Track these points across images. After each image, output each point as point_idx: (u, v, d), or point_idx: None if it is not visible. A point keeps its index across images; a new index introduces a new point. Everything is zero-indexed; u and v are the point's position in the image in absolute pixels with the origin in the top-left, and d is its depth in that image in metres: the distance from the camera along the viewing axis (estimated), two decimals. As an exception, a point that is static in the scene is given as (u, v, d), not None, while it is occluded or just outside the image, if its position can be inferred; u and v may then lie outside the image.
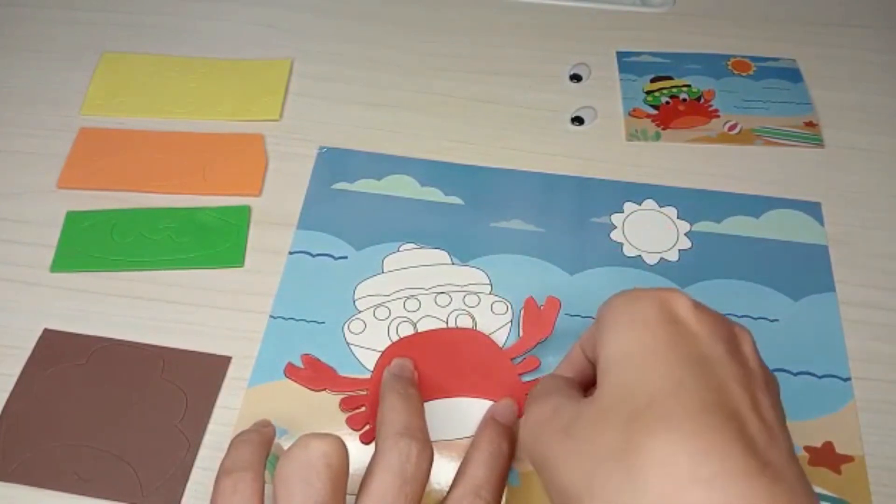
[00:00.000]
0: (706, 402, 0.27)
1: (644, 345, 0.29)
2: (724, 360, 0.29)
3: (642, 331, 0.29)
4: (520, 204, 0.47)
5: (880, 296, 0.44)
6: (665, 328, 0.29)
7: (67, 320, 0.42)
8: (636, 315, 0.30)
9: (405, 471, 0.32)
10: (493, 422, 0.37)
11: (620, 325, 0.30)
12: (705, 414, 0.26)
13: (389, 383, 0.38)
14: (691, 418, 0.26)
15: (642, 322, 0.30)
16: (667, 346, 0.29)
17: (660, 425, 0.26)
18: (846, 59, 0.57)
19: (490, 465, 0.35)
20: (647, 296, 0.31)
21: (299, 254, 0.45)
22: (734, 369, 0.28)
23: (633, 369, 0.29)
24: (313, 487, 0.30)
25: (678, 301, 0.30)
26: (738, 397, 0.27)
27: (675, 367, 0.28)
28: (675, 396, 0.27)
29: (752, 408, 0.27)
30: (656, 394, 0.27)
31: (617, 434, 0.27)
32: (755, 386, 0.29)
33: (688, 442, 0.26)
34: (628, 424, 0.27)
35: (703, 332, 0.29)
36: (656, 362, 0.28)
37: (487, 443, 0.36)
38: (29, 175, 0.49)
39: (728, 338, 0.30)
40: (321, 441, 0.31)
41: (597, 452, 0.27)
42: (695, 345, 0.29)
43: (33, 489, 0.37)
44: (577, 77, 0.55)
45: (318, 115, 0.52)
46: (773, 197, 0.48)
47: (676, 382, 0.27)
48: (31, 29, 0.58)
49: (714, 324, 0.30)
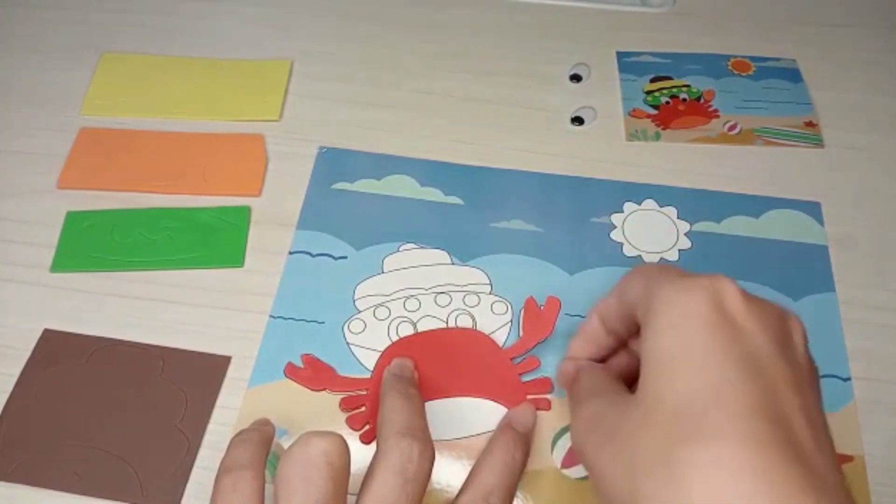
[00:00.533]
0: (753, 407, 0.26)
1: (690, 344, 0.28)
2: (773, 358, 0.28)
3: (691, 327, 0.28)
4: (520, 204, 0.47)
5: (880, 296, 0.44)
6: (715, 324, 0.28)
7: (67, 320, 0.42)
8: (685, 308, 0.29)
9: (406, 470, 0.32)
10: (509, 429, 0.37)
11: (668, 318, 0.29)
12: (751, 421, 0.26)
13: (390, 383, 0.37)
14: (736, 427, 0.25)
15: (691, 316, 0.28)
16: (714, 345, 0.28)
17: (703, 433, 0.26)
18: (846, 59, 0.57)
19: (502, 472, 0.35)
20: (696, 286, 0.29)
21: (299, 254, 0.45)
22: (784, 368, 0.28)
23: (679, 371, 0.28)
24: (314, 486, 0.30)
25: (728, 293, 0.29)
26: (786, 400, 0.27)
27: (721, 371, 0.27)
28: (721, 404, 0.26)
29: (801, 410, 0.27)
30: (702, 400, 0.27)
31: (660, 440, 0.27)
32: (804, 384, 0.28)
33: (731, 454, 0.25)
34: (671, 431, 0.26)
35: (753, 327, 0.28)
36: (701, 364, 0.27)
37: (501, 450, 0.35)
38: (29, 175, 0.49)
39: (779, 331, 0.29)
40: (323, 439, 0.31)
41: (639, 458, 0.27)
42: (744, 343, 0.28)
43: (33, 489, 0.37)
44: (577, 77, 0.55)
45: (318, 115, 0.52)
46: (773, 197, 0.48)
47: (722, 388, 0.26)
48: (31, 29, 0.58)
49: (765, 317, 0.29)
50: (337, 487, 0.30)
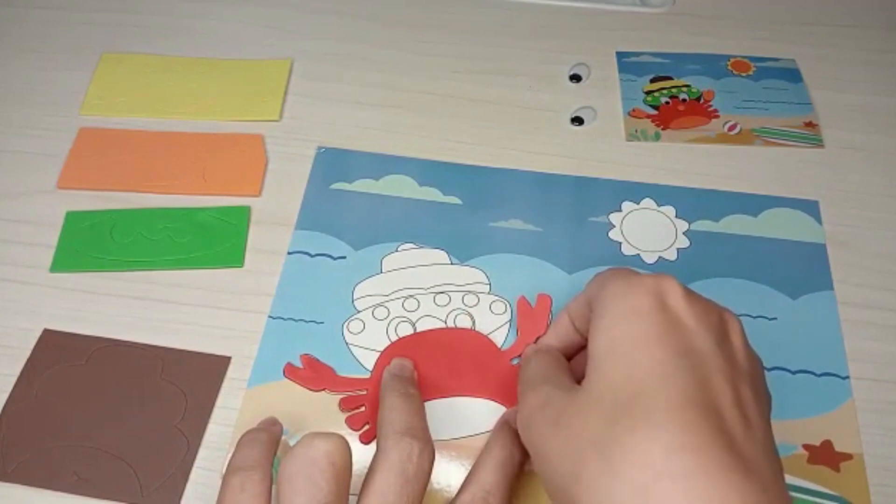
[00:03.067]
0: (688, 397, 0.28)
1: (633, 336, 0.30)
2: (711, 351, 0.29)
3: (633, 321, 0.30)
4: (518, 203, 0.47)
5: (878, 295, 0.44)
6: (655, 319, 0.30)
7: (67, 320, 0.42)
8: (629, 304, 0.31)
9: (407, 470, 0.32)
10: (507, 427, 0.37)
11: (613, 315, 0.31)
12: (685, 410, 0.27)
13: (390, 383, 0.38)
14: (671, 414, 0.27)
15: (634, 312, 0.30)
16: (655, 339, 0.29)
17: (640, 420, 0.27)
18: (846, 59, 0.57)
19: (500, 470, 0.35)
20: (640, 284, 0.31)
21: (298, 254, 0.45)
22: (720, 362, 0.29)
23: (621, 361, 0.29)
24: (317, 486, 0.30)
25: (670, 290, 0.31)
26: (720, 391, 0.28)
27: (661, 360, 0.29)
28: (658, 391, 0.28)
29: (734, 402, 0.28)
30: (640, 388, 0.28)
31: (600, 425, 0.28)
32: (739, 378, 0.30)
33: (665, 436, 0.27)
34: (611, 417, 0.28)
35: (692, 322, 0.30)
36: (643, 355, 0.29)
37: (500, 448, 0.36)
38: (29, 175, 0.49)
39: (717, 327, 0.31)
40: (325, 440, 0.31)
41: (581, 443, 0.28)
42: (683, 336, 0.30)
43: (33, 489, 0.37)
44: (576, 77, 0.55)
45: (318, 115, 0.52)
46: (772, 196, 0.48)
47: (661, 377, 0.28)
48: (31, 29, 0.58)
49: (704, 313, 0.31)
50: (339, 488, 0.31)
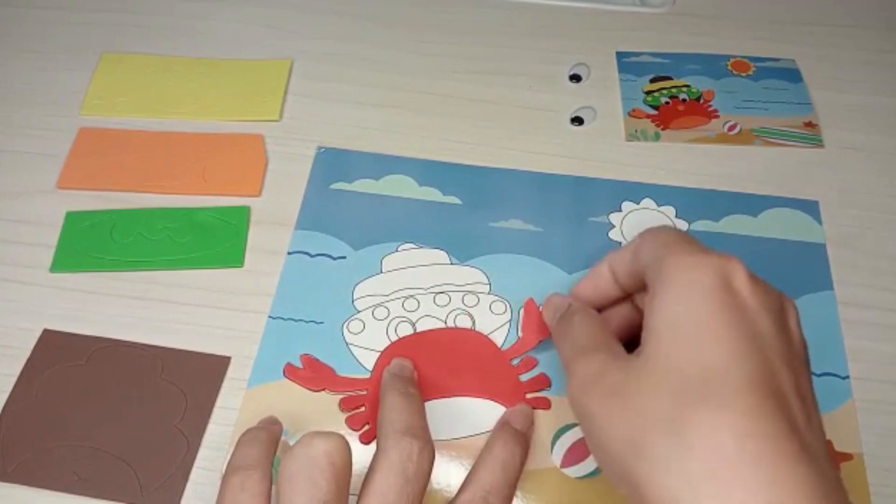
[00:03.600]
0: (754, 382, 0.27)
1: (699, 315, 0.29)
2: (772, 335, 0.29)
3: (699, 300, 0.30)
4: (518, 203, 0.47)
5: (878, 295, 0.44)
6: (722, 300, 0.30)
7: (67, 320, 0.42)
8: (695, 283, 0.30)
9: (407, 469, 0.32)
10: (508, 427, 0.37)
11: (678, 290, 0.30)
12: (753, 394, 0.27)
13: (390, 383, 0.38)
14: (740, 398, 0.27)
15: (701, 290, 0.30)
16: (721, 320, 0.29)
17: (710, 402, 0.27)
18: (846, 59, 0.57)
19: (501, 470, 0.35)
20: (708, 263, 0.31)
21: (298, 254, 0.45)
22: (781, 346, 0.29)
23: (686, 340, 0.29)
24: (317, 486, 0.30)
25: (736, 272, 0.31)
26: (783, 377, 0.28)
27: (727, 343, 0.28)
28: (726, 375, 0.28)
29: (795, 387, 0.29)
30: (708, 370, 0.28)
31: (667, 403, 0.28)
32: (799, 365, 0.30)
33: (735, 421, 0.27)
34: (679, 396, 0.28)
35: (755, 305, 0.30)
36: (710, 336, 0.29)
37: (500, 448, 0.36)
38: (29, 175, 0.49)
39: (777, 311, 0.31)
40: (325, 439, 0.31)
41: (646, 418, 0.28)
42: (747, 319, 0.29)
43: (33, 489, 0.37)
44: (576, 77, 0.55)
45: (318, 115, 0.52)
46: (772, 196, 0.48)
47: (728, 360, 0.28)
48: (31, 29, 0.58)
49: (766, 297, 0.31)
50: (339, 487, 0.31)
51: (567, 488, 0.37)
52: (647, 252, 0.33)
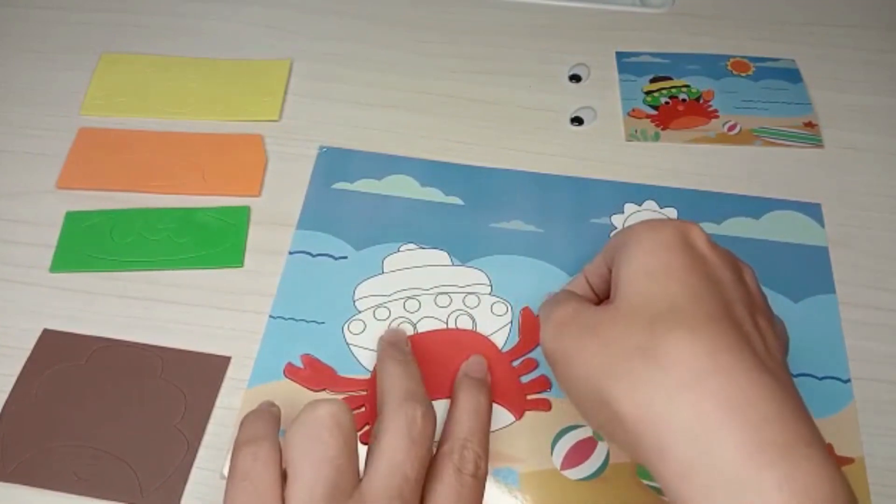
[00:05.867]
0: (718, 313, 0.31)
1: (664, 263, 0.32)
2: (731, 284, 0.33)
3: (663, 252, 0.33)
4: (520, 204, 0.47)
5: (880, 297, 0.44)
6: (683, 251, 0.33)
7: (67, 320, 0.42)
8: (658, 240, 0.33)
9: (412, 432, 0.33)
10: (468, 378, 0.39)
11: (643, 247, 0.33)
12: (718, 321, 0.30)
13: (386, 350, 0.39)
14: (707, 323, 0.30)
15: (663, 245, 0.33)
16: (684, 266, 0.32)
17: (681, 326, 0.30)
18: (846, 59, 0.57)
19: (472, 418, 0.36)
20: (668, 224, 0.34)
21: (299, 254, 0.45)
22: (740, 294, 0.32)
23: (655, 281, 0.32)
24: (325, 444, 0.31)
25: (694, 231, 0.34)
26: (742, 316, 0.31)
27: (691, 282, 0.32)
28: (693, 304, 0.31)
29: (754, 326, 0.32)
30: (676, 301, 0.31)
31: (640, 331, 0.30)
32: (756, 311, 0.33)
33: (705, 340, 0.29)
34: (651, 324, 0.30)
35: (714, 259, 0.33)
36: (675, 277, 0.32)
37: (466, 399, 0.37)
38: (29, 175, 0.49)
39: (735, 268, 0.34)
40: (328, 403, 0.33)
41: (621, 346, 0.31)
42: (708, 268, 0.33)
43: (33, 489, 0.37)
44: (576, 77, 0.55)
45: (318, 115, 0.52)
46: (774, 198, 0.48)
47: (693, 294, 0.31)
48: (31, 29, 0.58)
49: (724, 255, 0.34)
50: (348, 445, 0.32)
51: (567, 490, 0.37)
52: (612, 243, 0.37)
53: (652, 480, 0.37)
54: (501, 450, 0.38)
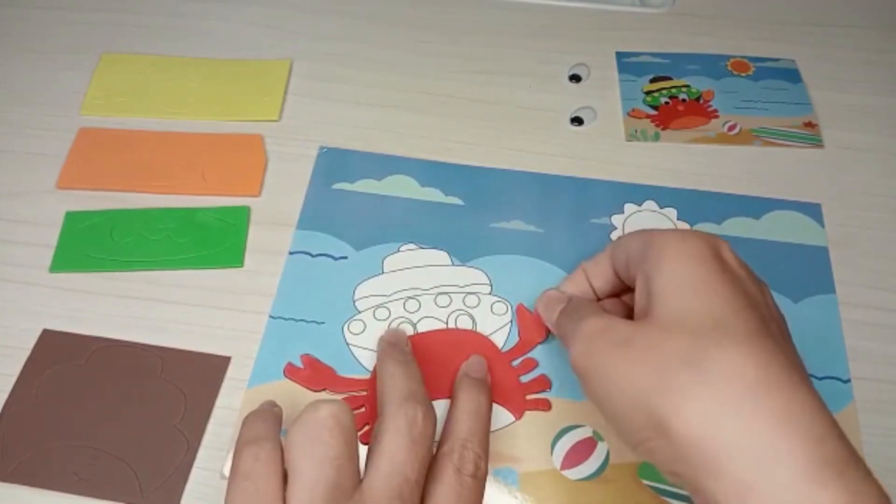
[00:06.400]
0: (761, 329, 0.30)
1: (700, 276, 0.32)
2: (759, 298, 0.33)
3: (696, 265, 0.32)
4: (520, 204, 0.47)
5: (880, 297, 0.44)
6: (717, 265, 0.33)
7: (66, 320, 0.42)
8: (689, 252, 0.33)
9: (413, 432, 0.33)
10: (468, 378, 0.39)
11: (676, 256, 0.33)
12: (760, 336, 0.30)
13: (386, 351, 0.39)
14: (752, 338, 0.30)
15: (696, 258, 0.33)
16: (720, 280, 0.32)
17: (728, 339, 0.29)
18: (846, 59, 0.57)
19: (473, 418, 0.36)
20: (696, 236, 0.34)
21: (299, 254, 0.45)
22: (766, 307, 0.33)
23: (694, 293, 0.32)
24: (326, 444, 0.31)
25: (723, 245, 0.34)
26: (777, 334, 0.31)
27: (730, 296, 0.31)
28: (735, 319, 0.30)
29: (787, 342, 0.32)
30: (718, 315, 0.30)
31: (686, 345, 0.30)
32: (783, 327, 0.33)
33: (753, 354, 0.29)
34: (695, 338, 0.30)
35: (744, 275, 0.33)
36: (714, 291, 0.31)
37: (466, 399, 0.37)
38: (28, 175, 0.49)
39: (758, 283, 0.34)
40: (329, 403, 0.33)
41: (666, 360, 0.30)
42: (739, 282, 0.32)
43: (33, 489, 0.37)
44: (576, 77, 0.55)
45: (318, 115, 0.52)
46: (774, 198, 0.48)
47: (734, 309, 0.31)
48: (31, 29, 0.58)
49: (750, 272, 0.34)
50: (348, 445, 0.32)
51: (567, 490, 0.37)
52: (630, 247, 0.36)
53: (652, 480, 0.37)
54: (501, 450, 0.38)
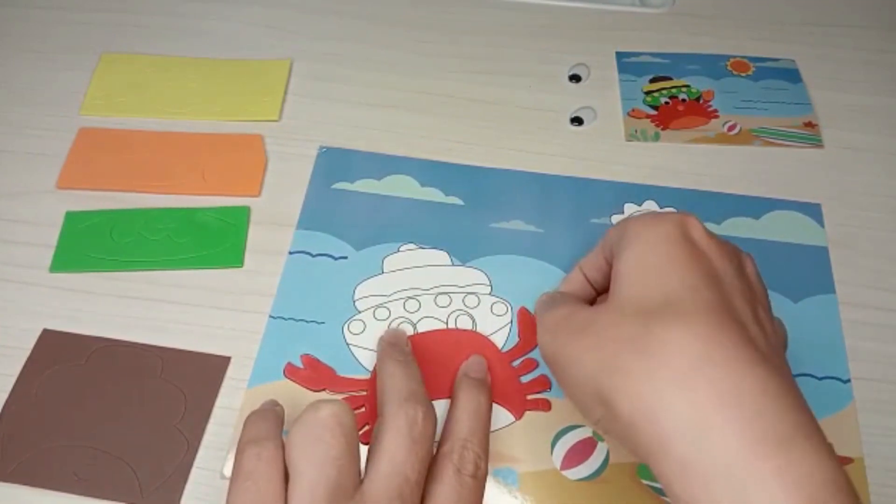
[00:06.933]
0: (715, 305, 0.30)
1: (661, 256, 0.32)
2: (730, 276, 0.32)
3: (661, 245, 0.33)
4: (519, 204, 0.47)
5: (880, 297, 0.44)
6: (681, 245, 0.33)
7: (66, 320, 0.42)
8: (656, 233, 0.33)
9: (413, 432, 0.33)
10: (468, 378, 0.39)
11: (641, 240, 0.33)
12: (715, 314, 0.30)
13: (386, 351, 0.39)
14: (703, 314, 0.30)
15: (662, 239, 0.33)
16: (682, 259, 0.32)
17: (676, 318, 0.30)
18: (846, 59, 0.57)
19: (472, 418, 0.36)
20: (666, 217, 0.34)
21: (299, 254, 0.45)
22: (739, 285, 0.32)
23: (651, 274, 0.32)
24: (328, 444, 0.32)
25: (693, 224, 0.34)
26: (741, 308, 0.31)
27: (689, 275, 0.31)
28: (689, 297, 0.30)
29: (753, 318, 0.32)
30: (671, 294, 0.31)
31: (634, 325, 0.30)
32: (755, 301, 0.33)
33: (699, 332, 0.29)
34: (644, 317, 0.30)
35: (713, 251, 0.33)
36: (672, 270, 0.32)
37: (466, 399, 0.37)
38: (29, 175, 0.49)
39: (734, 258, 0.34)
40: (330, 404, 0.33)
41: (614, 341, 0.31)
42: (706, 261, 0.32)
43: (32, 489, 0.37)
44: (576, 77, 0.55)
45: (318, 115, 0.52)
46: (774, 198, 0.48)
47: (690, 286, 0.31)
48: (31, 29, 0.58)
49: (722, 246, 0.34)
50: (349, 445, 0.32)
51: (567, 490, 0.37)
52: (611, 235, 0.37)
53: (652, 480, 0.37)
54: (501, 450, 0.38)
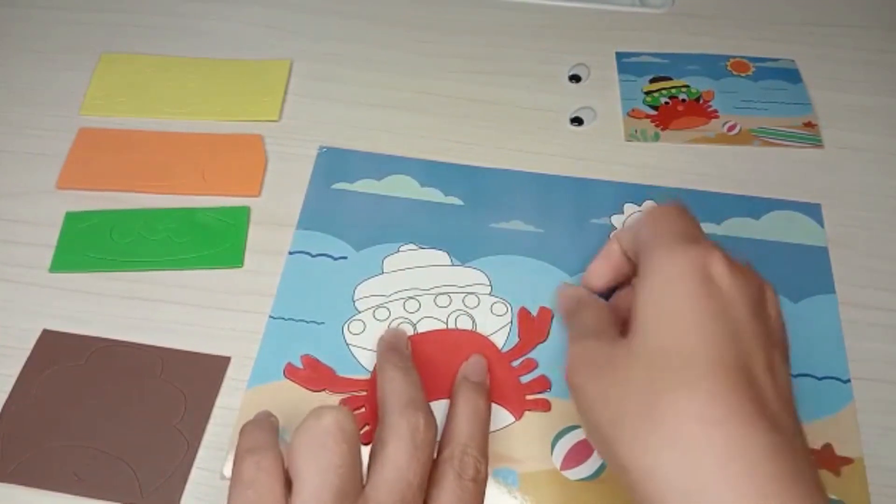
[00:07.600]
0: (730, 363, 0.30)
1: (677, 302, 0.32)
2: (747, 320, 0.32)
3: (678, 288, 0.32)
4: (519, 205, 0.47)
5: (880, 297, 0.44)
6: (698, 288, 0.32)
7: (66, 321, 0.42)
8: (675, 271, 0.33)
9: (416, 438, 0.33)
10: (467, 381, 0.39)
11: (660, 278, 0.33)
12: (728, 373, 0.30)
13: (386, 355, 0.39)
14: (714, 377, 0.29)
15: (680, 279, 0.32)
16: (697, 307, 0.31)
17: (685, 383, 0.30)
18: (846, 59, 0.57)
19: (472, 422, 0.36)
20: (687, 253, 0.33)
21: (299, 254, 0.45)
22: (755, 328, 0.32)
23: (664, 326, 0.32)
24: (330, 451, 0.31)
25: (714, 260, 0.33)
26: (754, 356, 0.31)
27: (700, 328, 0.31)
28: (703, 356, 0.30)
29: (766, 366, 0.31)
30: (686, 350, 0.30)
31: (644, 385, 0.30)
32: (771, 346, 0.32)
33: (708, 393, 0.29)
34: (655, 379, 0.30)
35: (732, 292, 0.32)
36: (685, 322, 0.31)
37: (465, 403, 0.37)
38: (28, 175, 0.49)
39: (754, 297, 0.33)
40: (332, 410, 0.33)
41: (625, 401, 0.31)
42: (722, 305, 0.32)
43: (32, 489, 0.37)
44: (576, 77, 0.55)
45: (318, 115, 0.52)
46: (774, 199, 0.48)
47: (700, 344, 0.30)
48: (31, 29, 0.58)
49: (745, 285, 0.33)
50: (352, 452, 0.32)
51: (567, 490, 0.37)
52: (642, 237, 0.36)
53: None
54: (501, 450, 0.38)
